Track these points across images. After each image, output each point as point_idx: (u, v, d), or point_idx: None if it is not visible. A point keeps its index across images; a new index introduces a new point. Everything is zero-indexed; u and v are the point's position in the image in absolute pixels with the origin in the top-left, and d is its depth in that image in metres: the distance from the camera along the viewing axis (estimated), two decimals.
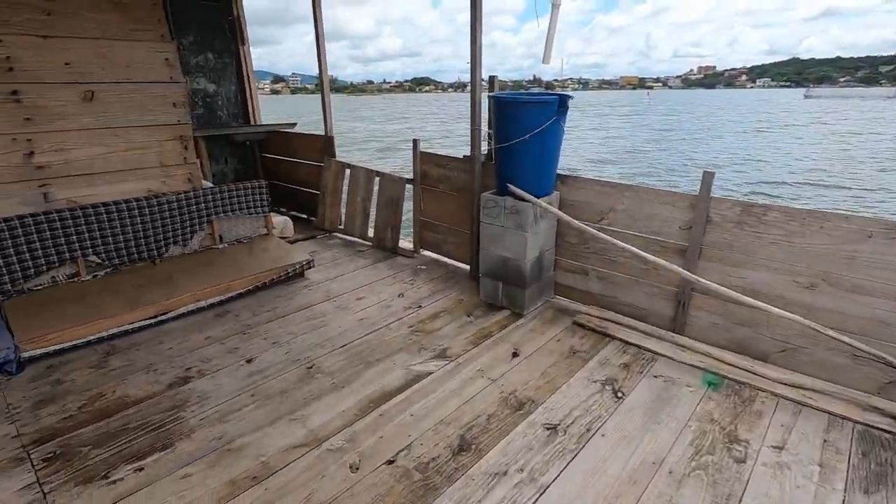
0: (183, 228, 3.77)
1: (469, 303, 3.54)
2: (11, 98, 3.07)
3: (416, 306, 3.48)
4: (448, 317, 3.33)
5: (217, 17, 5.43)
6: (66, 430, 2.26)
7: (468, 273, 3.99)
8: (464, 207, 3.98)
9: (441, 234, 4.29)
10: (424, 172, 4.25)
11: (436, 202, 4.26)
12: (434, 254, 4.44)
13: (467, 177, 3.84)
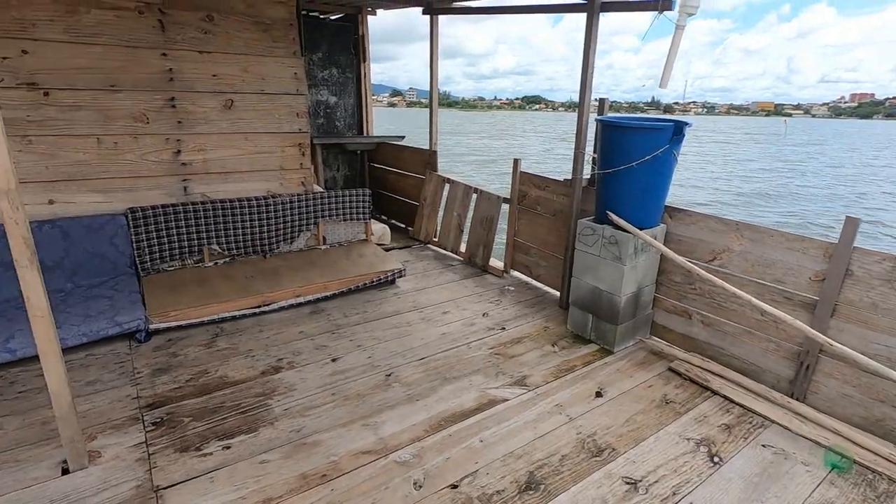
0: (293, 228, 4.09)
1: (555, 332, 3.39)
2: (169, 104, 3.57)
3: (500, 328, 3.42)
4: (531, 343, 3.22)
5: (344, 36, 5.88)
6: (174, 400, 2.53)
7: (557, 300, 3.84)
8: (559, 232, 3.85)
9: (533, 256, 4.19)
10: (523, 193, 4.19)
11: (531, 224, 4.17)
12: (523, 276, 4.34)
13: (566, 201, 3.71)
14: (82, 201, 3.38)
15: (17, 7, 2.97)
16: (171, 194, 3.70)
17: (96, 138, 3.35)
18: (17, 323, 2.73)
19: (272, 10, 3.82)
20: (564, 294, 3.70)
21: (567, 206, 3.68)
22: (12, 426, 2.28)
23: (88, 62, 3.24)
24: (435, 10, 4.67)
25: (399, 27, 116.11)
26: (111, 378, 2.68)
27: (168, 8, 3.42)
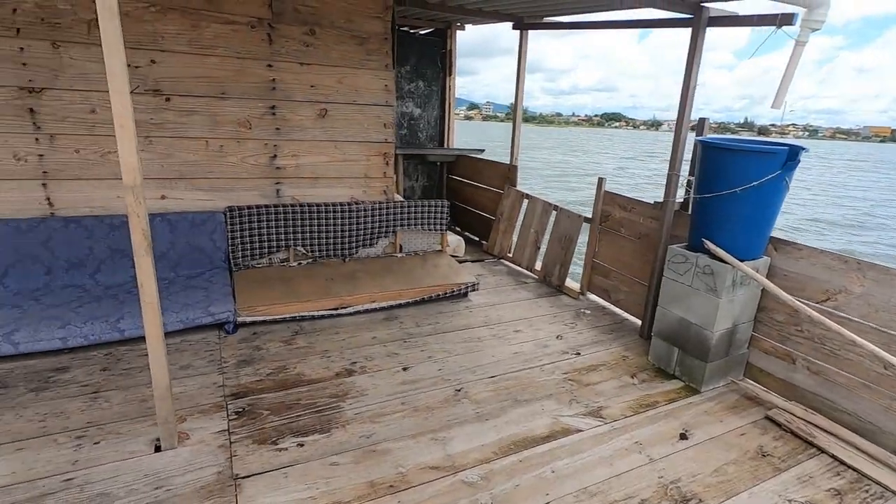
0: (373, 234, 4.20)
1: (634, 362, 3.19)
2: (270, 111, 3.80)
3: (575, 352, 3.27)
4: (608, 372, 3.06)
5: (432, 51, 6.02)
6: (255, 392, 2.64)
7: (638, 329, 3.63)
8: (644, 257, 3.64)
9: (612, 280, 3.99)
10: (606, 213, 4.02)
11: (612, 246, 3.99)
12: (601, 299, 4.15)
13: (654, 224, 3.51)
14: (189, 198, 3.68)
15: (150, 22, 3.30)
16: (265, 196, 3.93)
17: (205, 141, 3.64)
18: (127, 306, 3.00)
19: (369, 25, 3.98)
20: (646, 323, 3.49)
21: (655, 230, 3.48)
22: (116, 400, 2.49)
23: (204, 71, 3.53)
24: (526, 26, 4.65)
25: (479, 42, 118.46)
26: (201, 364, 2.86)
27: (277, 23, 3.67)
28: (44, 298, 3.04)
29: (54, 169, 3.27)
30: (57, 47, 3.13)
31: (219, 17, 3.49)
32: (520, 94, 4.92)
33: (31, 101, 3.13)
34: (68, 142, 3.27)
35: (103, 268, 3.35)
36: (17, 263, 3.15)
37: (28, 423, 2.28)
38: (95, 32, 3.19)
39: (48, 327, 2.74)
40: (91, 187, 3.38)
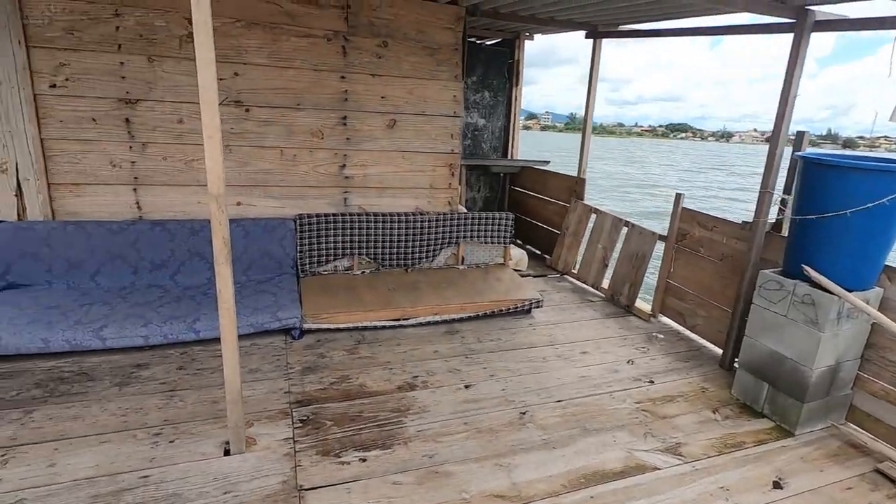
0: (435, 245, 4.17)
1: (715, 395, 2.94)
2: (342, 122, 3.87)
3: (648, 380, 3.06)
4: (686, 405, 2.82)
5: (499, 61, 5.96)
6: (319, 400, 2.65)
7: (718, 359, 3.35)
8: (726, 280, 3.37)
9: (689, 303, 3.72)
10: (683, 231, 3.77)
11: (689, 267, 3.72)
12: (675, 323, 3.88)
13: (741, 246, 3.24)
14: (262, 205, 3.80)
15: (236, 36, 3.46)
16: (333, 204, 4.00)
17: (280, 150, 3.76)
18: (203, 307, 3.12)
19: (440, 36, 3.98)
20: (729, 353, 3.21)
21: (741, 252, 3.20)
22: (190, 400, 2.58)
23: (282, 83, 3.65)
24: (600, 34, 4.49)
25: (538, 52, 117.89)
26: (269, 369, 2.91)
27: (351, 35, 3.74)
28: (130, 297, 3.22)
29: (144, 175, 3.48)
30: (152, 61, 3.34)
31: (298, 31, 3.60)
32: (590, 105, 4.75)
33: (127, 111, 3.35)
34: (157, 150, 3.48)
35: (182, 269, 3.52)
36: (108, 263, 3.37)
37: (111, 417, 2.40)
38: (186, 47, 3.38)
39: (133, 325, 2.89)
40: (175, 193, 3.58)
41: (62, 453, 2.14)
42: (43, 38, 3.10)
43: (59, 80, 3.18)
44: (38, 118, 3.18)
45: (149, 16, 3.27)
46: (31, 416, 2.37)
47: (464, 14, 4.02)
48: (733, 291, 3.25)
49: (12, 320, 2.80)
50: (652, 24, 4.15)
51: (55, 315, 2.90)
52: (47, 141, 3.24)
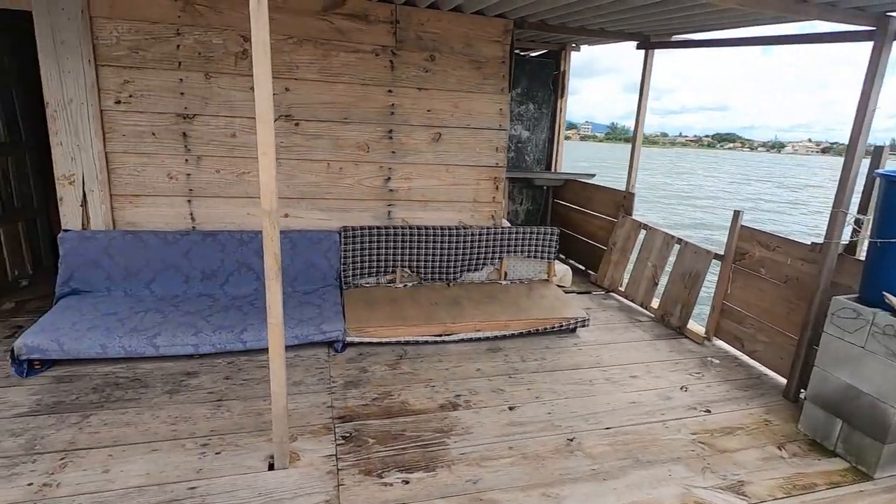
0: (478, 259, 4.11)
1: (780, 430, 2.73)
2: (387, 135, 3.89)
3: (704, 409, 2.88)
4: (747, 438, 2.63)
5: (544, 73, 5.88)
6: (361, 416, 2.62)
7: (782, 389, 3.12)
8: (791, 304, 3.15)
9: (747, 327, 3.50)
10: (742, 251, 3.56)
11: (748, 288, 3.51)
12: (731, 348, 3.66)
13: (809, 268, 3.02)
14: (308, 217, 3.86)
15: (288, 53, 3.54)
16: (377, 217, 4.01)
17: (327, 163, 3.81)
18: (250, 318, 3.17)
19: (488, 49, 3.95)
20: (795, 383, 2.99)
21: (809, 276, 2.99)
22: (236, 410, 2.60)
23: (331, 98, 3.71)
24: (652, 45, 4.35)
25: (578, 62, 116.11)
26: (312, 382, 2.92)
27: (399, 49, 3.76)
28: (182, 305, 3.31)
29: (198, 187, 3.60)
30: (209, 78, 3.45)
31: (347, 47, 3.65)
32: (641, 117, 4.60)
33: (185, 126, 3.48)
34: (211, 163, 3.59)
35: (231, 280, 3.60)
36: (162, 272, 3.48)
37: (162, 425, 2.45)
38: (241, 64, 3.48)
39: (184, 333, 2.96)
40: (227, 205, 3.67)
41: (116, 460, 2.20)
42: (110, 56, 3.27)
43: (123, 96, 3.34)
44: (103, 133, 3.34)
45: (207, 34, 3.40)
46: (89, 420, 2.45)
47: (511, 27, 3.98)
48: (799, 317, 3.03)
49: (74, 325, 2.92)
50: (709, 33, 3.98)
51: (112, 322, 3.01)
52: (111, 154, 3.39)
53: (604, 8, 3.41)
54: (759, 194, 31.69)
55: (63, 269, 3.32)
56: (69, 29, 3.13)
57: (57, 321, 2.95)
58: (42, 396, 2.62)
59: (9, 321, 3.43)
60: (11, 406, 2.52)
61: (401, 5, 3.69)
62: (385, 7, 3.66)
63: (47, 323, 2.93)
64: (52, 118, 3.22)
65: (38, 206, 4.22)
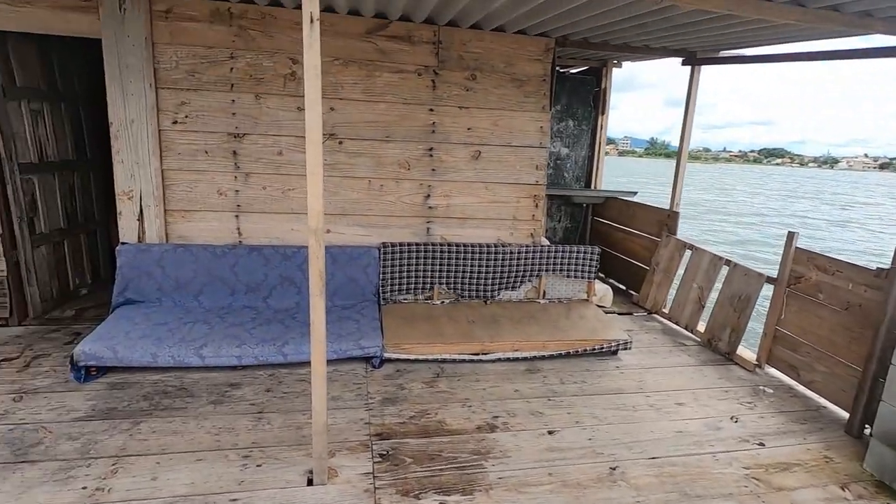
0: (516, 277, 4.07)
1: (843, 468, 2.54)
2: (428, 153, 3.94)
3: (757, 442, 2.72)
4: (806, 476, 2.46)
5: (585, 90, 5.84)
6: (398, 435, 2.61)
7: (844, 423, 2.92)
8: (853, 333, 2.95)
9: (804, 355, 3.31)
10: (798, 274, 3.38)
11: (804, 314, 3.32)
12: (785, 377, 3.46)
13: (872, 295, 2.84)
14: (349, 233, 3.93)
15: (334, 74, 3.65)
16: (416, 234, 4.04)
17: (368, 180, 3.88)
18: (291, 331, 3.23)
19: (529, 67, 3.96)
20: (859, 418, 2.79)
21: (874, 303, 2.80)
22: (277, 423, 2.64)
23: (374, 117, 3.79)
24: (699, 61, 4.25)
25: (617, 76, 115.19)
26: (350, 398, 2.93)
27: (441, 69, 3.82)
28: (227, 317, 3.42)
29: (245, 203, 3.73)
30: (258, 98, 3.60)
31: (391, 67, 3.73)
32: (686, 134, 4.48)
33: (235, 144, 3.63)
34: (258, 179, 3.72)
35: (274, 293, 3.69)
36: (210, 284, 3.61)
37: (206, 435, 2.51)
38: (289, 85, 3.61)
39: (228, 345, 3.05)
40: (271, 220, 3.79)
41: (163, 467, 2.26)
42: (169, 80, 3.46)
43: (179, 116, 3.51)
44: (160, 151, 3.52)
45: (258, 58, 3.55)
46: (139, 427, 2.54)
47: (553, 45, 3.98)
48: (863, 347, 2.84)
49: (128, 334, 3.05)
50: (760, 48, 3.86)
51: (163, 332, 3.13)
52: (166, 171, 3.57)
53: (648, 25, 3.36)
54: (806, 211, 30.26)
55: (119, 279, 3.49)
56: (133, 54, 3.34)
57: (112, 330, 3.10)
58: (97, 402, 2.74)
59: (69, 328, 3.62)
60: (69, 410, 2.65)
61: (443, 26, 3.75)
62: (428, 28, 3.73)
63: (103, 331, 3.08)
64: (115, 137, 3.42)
65: (99, 220, 4.47)
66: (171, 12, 3.37)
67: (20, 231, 3.54)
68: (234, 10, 3.45)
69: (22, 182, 3.52)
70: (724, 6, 2.16)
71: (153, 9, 3.34)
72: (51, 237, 3.84)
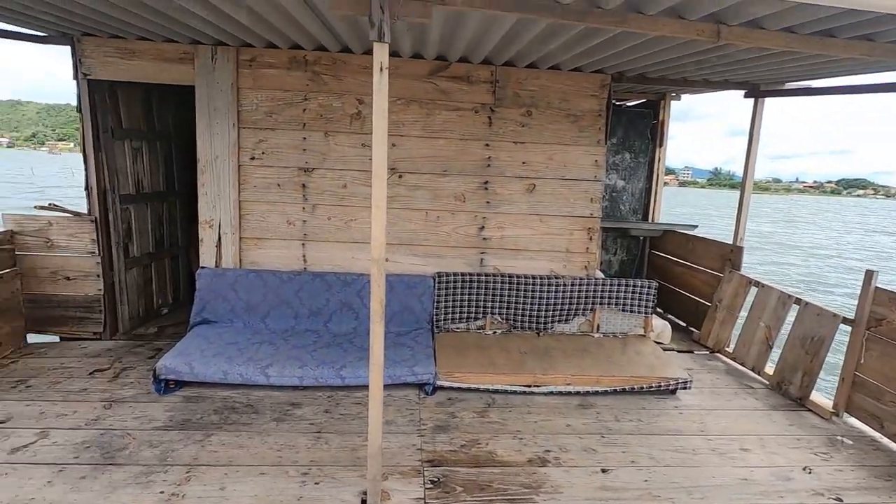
0: (569, 310, 4.05)
1: None
2: (483, 186, 4.06)
3: (834, 496, 2.52)
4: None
5: (641, 122, 5.81)
6: (449, 462, 2.65)
7: None
8: None
9: (888, 405, 3.05)
10: (878, 316, 3.15)
11: (888, 359, 3.07)
12: (867, 427, 3.19)
13: None
14: (406, 262, 4.08)
15: (396, 112, 3.89)
16: (470, 264, 4.14)
17: (425, 212, 4.04)
18: (349, 355, 3.38)
19: (585, 103, 4.03)
20: None
21: None
22: (334, 444, 2.76)
23: (431, 152, 3.98)
24: (762, 94, 4.16)
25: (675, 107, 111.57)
26: (403, 423, 3.01)
27: (497, 106, 3.97)
28: (291, 338, 3.63)
29: (311, 232, 3.99)
30: (327, 136, 3.89)
31: (449, 106, 3.93)
32: (750, 167, 4.35)
33: (304, 178, 3.92)
34: (324, 210, 3.97)
35: (334, 317, 3.88)
36: (276, 307, 3.86)
37: (269, 451, 2.66)
38: (354, 124, 3.88)
39: (291, 366, 3.23)
40: (334, 248, 4.02)
41: (230, 479, 2.42)
42: (250, 120, 3.82)
43: (257, 153, 3.86)
44: (239, 184, 3.86)
45: (328, 99, 3.85)
46: (210, 439, 2.73)
47: (609, 81, 4.04)
48: None
49: (203, 352, 3.31)
50: (828, 80, 3.73)
51: (233, 350, 3.37)
52: (243, 203, 3.90)
53: (706, 61, 3.36)
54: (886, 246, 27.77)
55: (198, 300, 3.81)
56: (221, 98, 3.73)
57: (189, 347, 3.38)
58: (174, 413, 2.98)
59: (152, 343, 3.97)
60: (150, 420, 2.90)
61: (500, 66, 3.92)
62: (486, 68, 3.91)
63: (182, 348, 3.36)
64: (202, 171, 3.80)
65: (182, 246, 4.90)
66: (255, 61, 3.76)
67: (117, 255, 3.96)
68: (309, 57, 3.79)
69: (121, 211, 3.96)
70: (784, 44, 2.15)
71: (239, 58, 3.73)
72: (141, 261, 4.26)
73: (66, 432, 2.74)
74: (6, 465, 2.45)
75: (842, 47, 2.15)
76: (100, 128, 3.77)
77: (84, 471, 2.43)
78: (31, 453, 2.54)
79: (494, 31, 2.95)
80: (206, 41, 3.61)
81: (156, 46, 3.67)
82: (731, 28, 2.13)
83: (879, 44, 2.24)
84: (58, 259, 3.83)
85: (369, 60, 3.78)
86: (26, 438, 2.66)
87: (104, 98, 3.78)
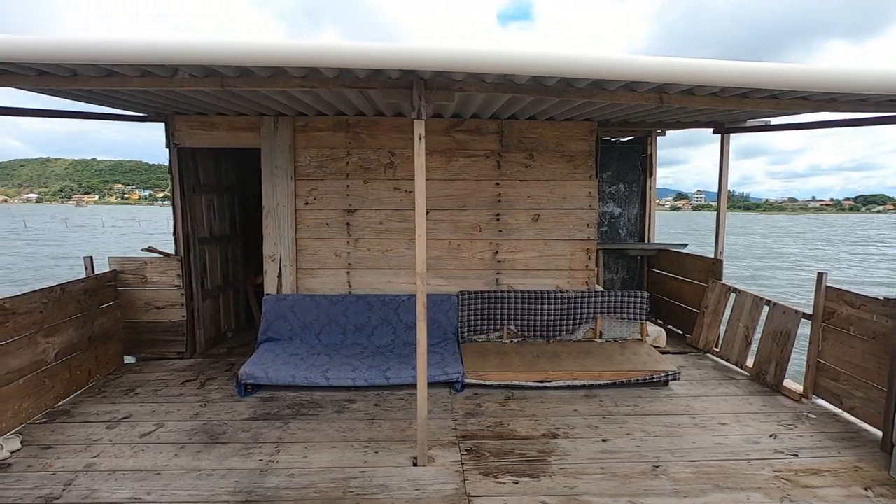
0: (574, 319, 4.73)
1: (870, 475, 2.89)
2: (495, 218, 4.85)
3: (791, 454, 3.13)
4: (832, 479, 2.85)
5: (632, 156, 6.60)
6: (479, 437, 3.32)
7: (878, 441, 3.23)
8: (879, 358, 3.32)
9: (843, 384, 3.65)
10: (830, 310, 3.80)
11: (840, 346, 3.69)
12: (830, 405, 3.78)
13: (889, 324, 3.24)
14: (433, 284, 4.84)
15: None
16: (487, 283, 4.88)
17: (448, 241, 4.83)
18: (391, 361, 4.11)
19: (576, 145, 4.85)
20: (890, 434, 3.11)
21: (889, 330, 3.20)
22: (385, 427, 3.45)
23: (451, 192, 4.80)
24: (727, 130, 4.94)
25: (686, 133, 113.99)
26: (440, 412, 3.70)
27: (504, 152, 4.81)
28: (341, 350, 4.37)
29: (355, 261, 4.79)
30: (366, 182, 4.74)
31: (464, 153, 4.78)
32: (723, 191, 5.08)
33: (348, 217, 4.76)
34: (364, 243, 4.79)
35: (376, 332, 4.63)
36: (327, 325, 4.62)
37: (336, 432, 3.37)
38: (388, 172, 4.74)
39: (345, 370, 3.96)
40: (374, 274, 4.81)
41: (310, 450, 3.13)
42: (304, 173, 4.70)
43: (310, 199, 4.72)
44: (295, 225, 4.71)
45: (366, 152, 4.73)
46: (288, 425, 3.46)
47: (596, 126, 4.86)
48: (886, 370, 3.21)
49: (273, 362, 4.07)
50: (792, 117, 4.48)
51: (297, 360, 4.12)
52: (299, 240, 4.74)
53: (673, 112, 4.16)
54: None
55: (263, 322, 4.60)
56: (281, 157, 4.63)
57: (262, 359, 4.14)
58: (256, 409, 3.71)
59: (224, 360, 4.74)
60: (239, 414, 3.64)
61: (505, 119, 4.78)
62: (493, 122, 4.77)
63: (256, 359, 4.12)
64: (266, 216, 4.67)
65: (242, 280, 5.75)
66: (307, 126, 4.67)
67: (196, 288, 4.80)
68: (350, 121, 4.69)
69: (199, 251, 4.83)
70: (710, 104, 2.94)
71: (295, 125, 4.65)
72: (212, 292, 5.10)
73: (177, 423, 3.49)
74: (141, 444, 3.20)
75: (753, 104, 2.92)
76: (185, 185, 4.69)
77: (199, 447, 3.17)
78: (155, 437, 3.30)
79: (497, 100, 3.81)
80: (269, 113, 4.55)
81: (229, 119, 4.62)
82: (671, 95, 2.93)
83: (783, 100, 3.02)
84: (150, 292, 4.68)
85: (398, 121, 4.68)
86: (149, 427, 3.42)
87: (188, 161, 4.72)
